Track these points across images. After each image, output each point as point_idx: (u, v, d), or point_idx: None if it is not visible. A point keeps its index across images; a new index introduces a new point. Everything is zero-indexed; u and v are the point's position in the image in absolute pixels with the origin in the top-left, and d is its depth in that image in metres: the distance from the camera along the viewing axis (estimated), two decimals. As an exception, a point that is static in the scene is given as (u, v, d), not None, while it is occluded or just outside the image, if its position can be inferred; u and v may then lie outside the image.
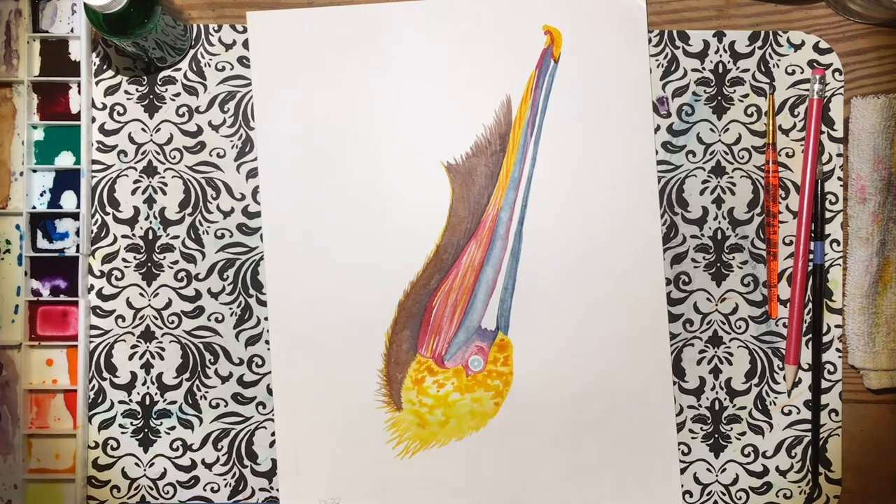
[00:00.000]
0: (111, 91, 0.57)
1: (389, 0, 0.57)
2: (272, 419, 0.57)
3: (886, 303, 0.56)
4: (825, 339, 0.57)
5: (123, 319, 0.57)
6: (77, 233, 0.57)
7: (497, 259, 0.57)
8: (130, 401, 0.57)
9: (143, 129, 0.57)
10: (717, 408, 0.57)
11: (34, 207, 0.57)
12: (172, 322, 0.57)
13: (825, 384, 0.57)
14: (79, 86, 0.57)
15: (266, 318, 0.57)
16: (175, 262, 0.57)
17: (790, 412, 0.57)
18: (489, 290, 0.57)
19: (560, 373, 0.56)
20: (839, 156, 0.57)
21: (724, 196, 0.57)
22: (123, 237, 0.57)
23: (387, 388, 0.57)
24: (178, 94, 0.57)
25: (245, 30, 0.57)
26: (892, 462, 0.57)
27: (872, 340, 0.56)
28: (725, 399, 0.57)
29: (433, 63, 0.57)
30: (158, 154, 0.57)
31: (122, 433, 0.57)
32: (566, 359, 0.56)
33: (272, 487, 0.57)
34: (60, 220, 0.57)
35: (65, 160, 0.57)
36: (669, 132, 0.57)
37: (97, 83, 0.57)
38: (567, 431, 0.56)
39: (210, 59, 0.57)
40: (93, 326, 0.57)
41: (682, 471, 0.57)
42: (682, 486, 0.57)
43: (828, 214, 0.57)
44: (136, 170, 0.57)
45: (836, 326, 0.57)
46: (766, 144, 0.57)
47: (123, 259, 0.57)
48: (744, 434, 0.57)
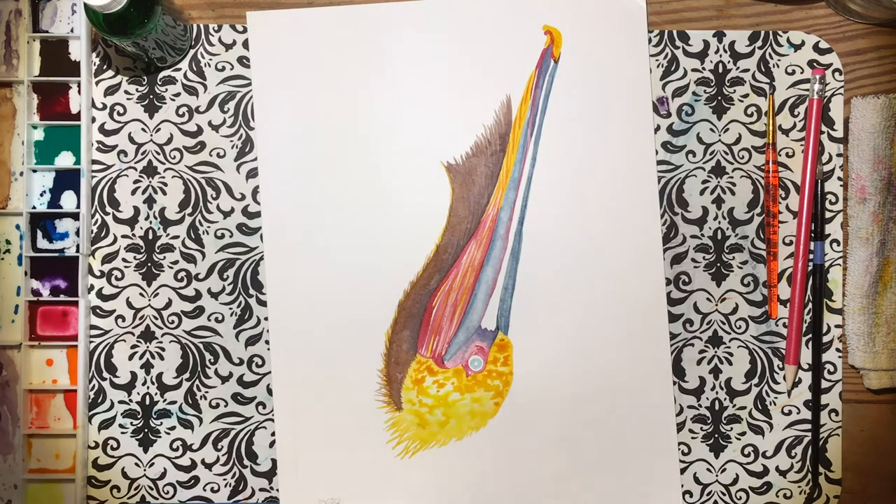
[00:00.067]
0: (111, 91, 0.57)
1: (389, 0, 0.57)
2: (272, 419, 0.57)
3: (886, 303, 0.56)
4: (825, 339, 0.57)
5: (123, 319, 0.57)
6: (77, 233, 0.57)
7: (497, 259, 0.57)
8: (130, 401, 0.57)
9: (143, 129, 0.57)
10: (717, 408, 0.57)
11: (34, 207, 0.57)
12: (172, 322, 0.57)
13: (825, 384, 0.57)
14: (79, 86, 0.57)
15: (266, 318, 0.57)
16: (175, 262, 0.57)
17: (790, 412, 0.57)
18: (489, 290, 0.57)
19: (560, 373, 0.56)
20: (839, 156, 0.57)
21: (724, 196, 0.57)
22: (123, 237, 0.57)
23: (387, 388, 0.57)
24: (178, 94, 0.57)
25: (245, 30, 0.57)
26: (892, 462, 0.57)
27: (872, 340, 0.56)
28: (725, 399, 0.57)
29: (433, 63, 0.57)
30: (158, 154, 0.57)
31: (122, 433, 0.57)
32: (566, 359, 0.56)
33: (272, 487, 0.57)
34: (60, 220, 0.57)
35: (65, 160, 0.57)
36: (669, 132, 0.57)
37: (97, 83, 0.57)
38: (567, 431, 0.56)
39: (210, 59, 0.57)
40: (93, 326, 0.57)
41: (682, 471, 0.57)
42: (682, 486, 0.57)
43: (828, 214, 0.57)
44: (136, 170, 0.57)
45: (836, 326, 0.57)
46: (766, 144, 0.57)
47: (123, 259, 0.57)
48: (744, 434, 0.57)
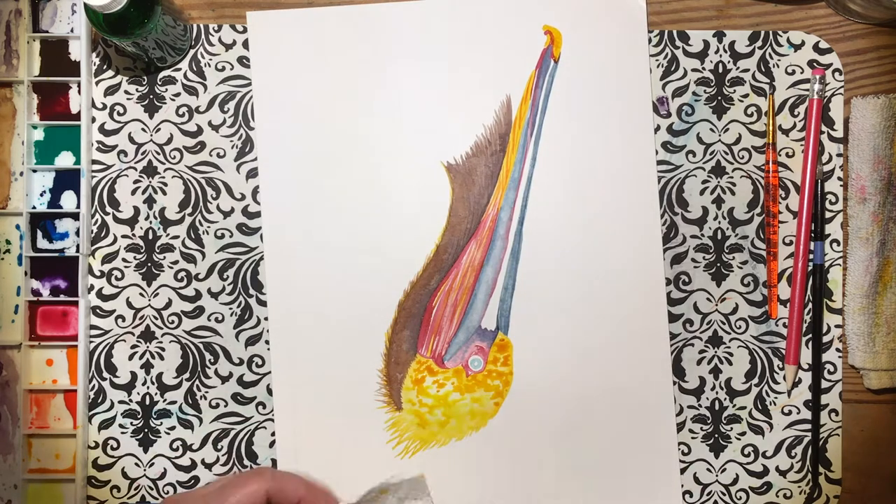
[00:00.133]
0: (111, 91, 0.57)
1: (389, 0, 0.57)
2: (272, 419, 0.57)
3: (886, 303, 0.56)
4: (825, 339, 0.57)
5: (123, 319, 0.57)
6: (77, 233, 0.57)
7: (497, 259, 0.57)
8: (130, 401, 0.57)
9: (143, 129, 0.57)
10: (717, 408, 0.57)
11: (34, 207, 0.57)
12: (172, 322, 0.57)
13: (825, 384, 0.57)
14: (79, 86, 0.57)
15: (266, 318, 0.57)
16: (175, 262, 0.57)
17: (790, 412, 0.57)
18: (489, 290, 0.57)
19: (560, 373, 0.56)
20: (839, 156, 0.57)
21: (724, 196, 0.57)
22: (123, 237, 0.57)
23: (387, 388, 0.57)
24: (178, 94, 0.57)
25: (245, 30, 0.57)
26: (892, 462, 0.57)
27: (872, 340, 0.56)
28: (725, 399, 0.57)
29: (433, 63, 0.57)
30: (158, 154, 0.57)
31: (122, 433, 0.57)
32: (566, 359, 0.56)
33: (272, 487, 0.57)
34: (60, 220, 0.57)
35: (65, 160, 0.57)
36: (669, 132, 0.57)
37: (97, 83, 0.57)
38: (567, 431, 0.56)
39: (210, 59, 0.57)
40: (93, 326, 0.57)
41: (682, 471, 0.57)
42: (682, 486, 0.57)
43: (828, 214, 0.57)
44: (136, 170, 0.57)
45: (836, 326, 0.57)
46: (766, 144, 0.57)
47: (123, 259, 0.57)
48: (744, 434, 0.57)
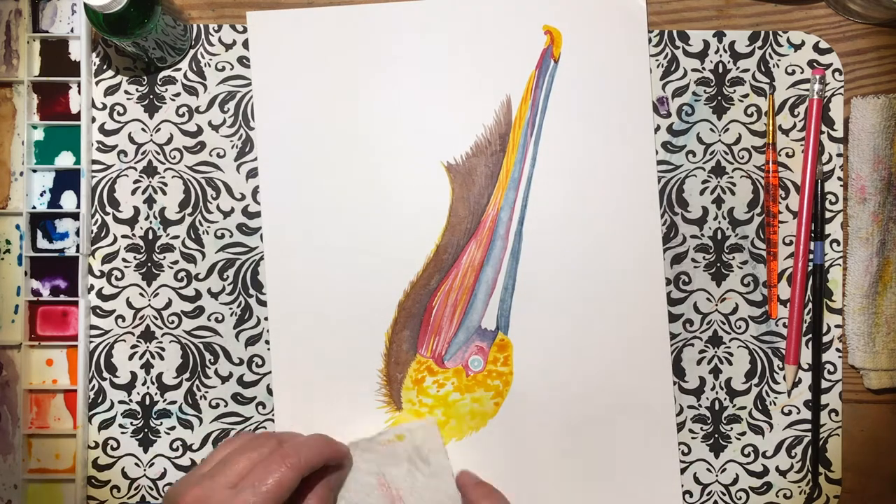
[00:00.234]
0: (111, 91, 0.57)
1: (389, 0, 0.57)
2: (272, 419, 0.57)
3: (886, 303, 0.56)
4: (825, 339, 0.57)
5: (123, 319, 0.57)
6: (77, 233, 0.57)
7: (497, 259, 0.57)
8: (130, 401, 0.57)
9: (143, 129, 0.57)
10: (717, 408, 0.57)
11: (34, 207, 0.57)
12: (172, 322, 0.57)
13: (825, 384, 0.57)
14: (79, 86, 0.57)
15: (266, 318, 0.57)
16: (175, 262, 0.57)
17: (790, 412, 0.57)
18: (489, 290, 0.57)
19: (560, 373, 0.56)
20: (839, 156, 0.57)
21: (724, 196, 0.57)
22: (123, 237, 0.57)
23: (387, 388, 0.57)
24: (178, 94, 0.57)
25: (245, 30, 0.57)
26: (892, 462, 0.57)
27: (872, 340, 0.56)
28: (725, 399, 0.57)
29: (433, 63, 0.57)
30: (158, 154, 0.57)
31: (122, 433, 0.57)
32: (566, 359, 0.56)
33: (272, 487, 0.57)
34: (60, 220, 0.57)
35: (65, 160, 0.57)
36: (669, 132, 0.57)
37: (97, 83, 0.57)
38: (567, 431, 0.56)
39: (210, 59, 0.57)
40: (93, 326, 0.57)
41: (682, 471, 0.57)
42: (682, 486, 0.57)
43: (828, 214, 0.57)
44: (136, 170, 0.57)
45: (836, 326, 0.57)
46: (766, 144, 0.57)
47: (123, 259, 0.57)
48: (744, 434, 0.57)
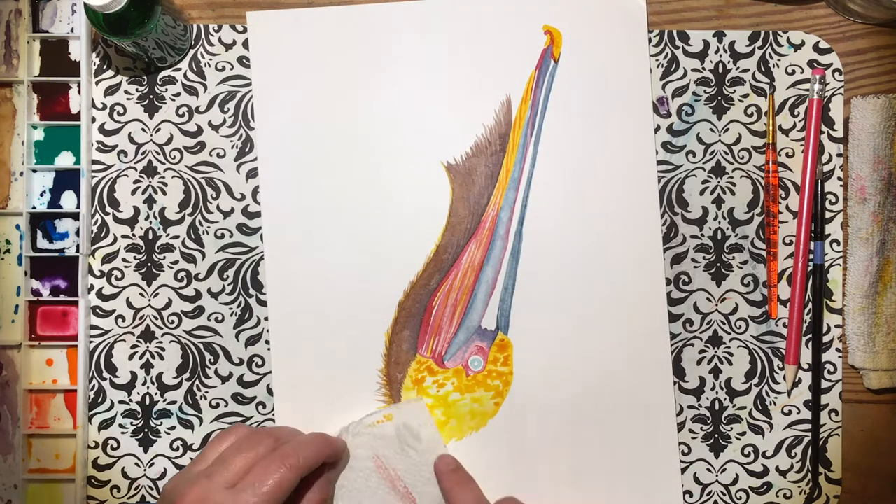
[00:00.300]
0: (111, 91, 0.57)
1: (389, 0, 0.57)
2: (272, 419, 0.57)
3: (886, 303, 0.56)
4: (825, 339, 0.57)
5: (123, 319, 0.57)
6: (77, 233, 0.57)
7: (497, 259, 0.57)
8: (130, 401, 0.57)
9: (143, 129, 0.57)
10: (717, 408, 0.57)
11: (34, 207, 0.57)
12: (172, 322, 0.57)
13: (825, 384, 0.57)
14: (79, 86, 0.57)
15: (266, 318, 0.57)
16: (175, 262, 0.57)
17: (790, 412, 0.57)
18: (489, 290, 0.57)
19: (560, 373, 0.56)
20: (839, 156, 0.57)
21: (724, 196, 0.57)
22: (123, 237, 0.57)
23: (387, 388, 0.57)
24: (178, 94, 0.57)
25: (245, 30, 0.57)
26: (892, 462, 0.57)
27: (872, 340, 0.56)
28: (725, 399, 0.57)
29: (433, 63, 0.57)
30: (158, 154, 0.57)
31: (122, 433, 0.57)
32: (566, 359, 0.56)
33: (272, 487, 0.57)
34: (60, 220, 0.57)
35: (65, 160, 0.57)
36: (669, 132, 0.57)
37: (97, 83, 0.57)
38: (567, 431, 0.56)
39: (210, 59, 0.57)
40: (93, 326, 0.57)
41: (682, 471, 0.57)
42: (682, 486, 0.57)
43: (828, 214, 0.57)
44: (136, 170, 0.57)
45: (836, 326, 0.57)
46: (766, 144, 0.57)
47: (123, 259, 0.57)
48: (744, 434, 0.57)
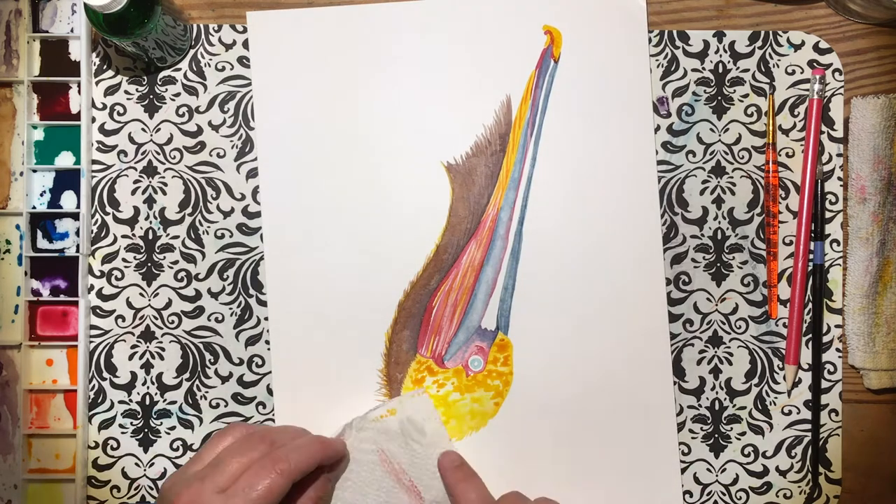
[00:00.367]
0: (111, 91, 0.57)
1: (389, 0, 0.57)
2: (272, 419, 0.57)
3: (886, 303, 0.56)
4: (825, 339, 0.57)
5: (123, 319, 0.57)
6: (77, 233, 0.57)
7: (497, 259, 0.57)
8: (130, 401, 0.57)
9: (143, 129, 0.57)
10: (717, 408, 0.57)
11: (34, 207, 0.57)
12: (172, 322, 0.57)
13: (825, 384, 0.57)
14: (79, 86, 0.57)
15: (266, 318, 0.57)
16: (175, 262, 0.57)
17: (790, 412, 0.57)
18: (489, 290, 0.57)
19: (560, 373, 0.56)
20: (839, 156, 0.57)
21: (724, 196, 0.57)
22: (123, 237, 0.57)
23: (387, 388, 0.57)
24: (178, 94, 0.57)
25: (245, 30, 0.57)
26: (892, 462, 0.57)
27: (872, 340, 0.56)
28: (725, 399, 0.57)
29: (433, 63, 0.57)
30: (158, 154, 0.57)
31: (122, 433, 0.57)
32: (566, 359, 0.56)
33: (272, 487, 0.57)
34: (60, 220, 0.57)
35: (65, 160, 0.57)
36: (669, 132, 0.57)
37: (97, 83, 0.57)
38: (567, 431, 0.56)
39: (210, 59, 0.57)
40: (93, 326, 0.57)
41: (682, 471, 0.57)
42: (682, 486, 0.57)
43: (828, 214, 0.57)
44: (136, 170, 0.57)
45: (836, 326, 0.57)
46: (766, 144, 0.57)
47: (123, 259, 0.57)
48: (744, 434, 0.57)
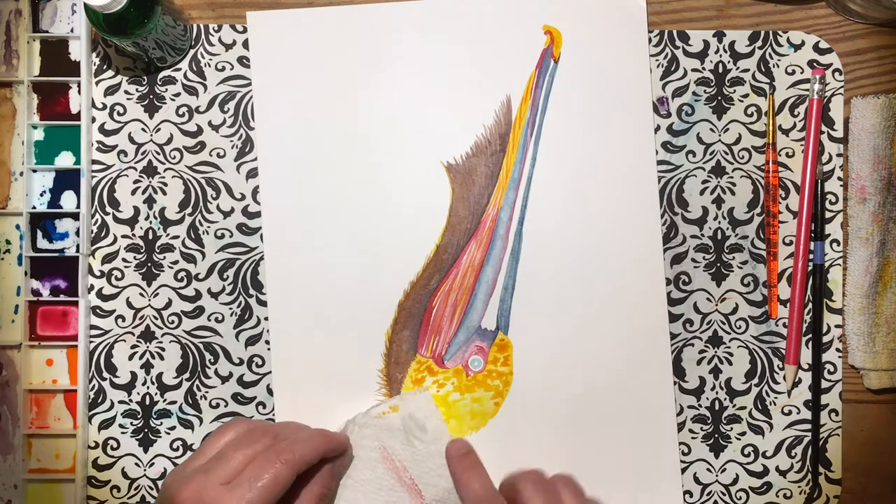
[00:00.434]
0: (111, 91, 0.57)
1: (389, 0, 0.57)
2: (272, 419, 0.57)
3: (886, 303, 0.56)
4: (825, 339, 0.57)
5: (123, 319, 0.57)
6: (77, 233, 0.57)
7: (497, 259, 0.57)
8: (130, 401, 0.57)
9: (143, 129, 0.57)
10: (717, 408, 0.57)
11: (34, 207, 0.57)
12: (172, 322, 0.57)
13: (825, 384, 0.57)
14: (79, 86, 0.57)
15: (266, 318, 0.57)
16: (175, 262, 0.57)
17: (790, 412, 0.57)
18: (489, 290, 0.57)
19: (560, 373, 0.56)
20: (839, 156, 0.57)
21: (724, 196, 0.57)
22: (123, 237, 0.57)
23: (387, 389, 0.57)
24: (178, 94, 0.57)
25: (245, 30, 0.57)
26: (892, 462, 0.57)
27: (872, 340, 0.56)
28: (725, 399, 0.57)
29: (433, 63, 0.57)
30: (158, 154, 0.57)
31: (122, 433, 0.57)
32: (566, 359, 0.56)
33: (272, 487, 0.57)
34: (60, 220, 0.57)
35: (65, 160, 0.57)
36: (669, 132, 0.57)
37: (97, 83, 0.57)
38: (567, 431, 0.56)
39: (210, 59, 0.57)
40: (93, 326, 0.57)
41: (683, 471, 0.57)
42: (682, 486, 0.57)
43: (828, 214, 0.57)
44: (136, 170, 0.57)
45: (836, 326, 0.57)
46: (766, 144, 0.57)
47: (123, 259, 0.57)
48: (744, 434, 0.57)
